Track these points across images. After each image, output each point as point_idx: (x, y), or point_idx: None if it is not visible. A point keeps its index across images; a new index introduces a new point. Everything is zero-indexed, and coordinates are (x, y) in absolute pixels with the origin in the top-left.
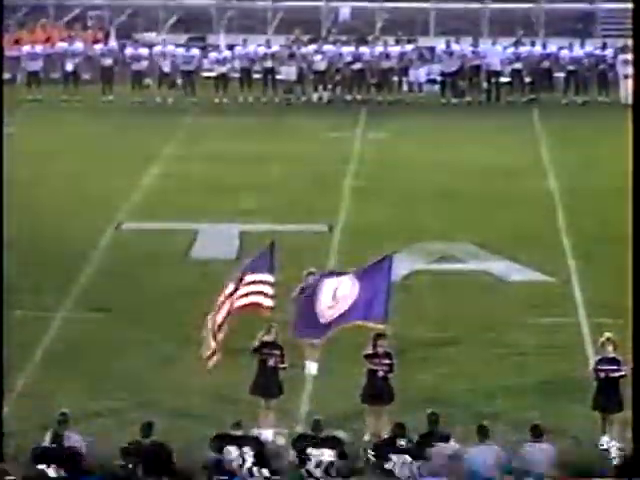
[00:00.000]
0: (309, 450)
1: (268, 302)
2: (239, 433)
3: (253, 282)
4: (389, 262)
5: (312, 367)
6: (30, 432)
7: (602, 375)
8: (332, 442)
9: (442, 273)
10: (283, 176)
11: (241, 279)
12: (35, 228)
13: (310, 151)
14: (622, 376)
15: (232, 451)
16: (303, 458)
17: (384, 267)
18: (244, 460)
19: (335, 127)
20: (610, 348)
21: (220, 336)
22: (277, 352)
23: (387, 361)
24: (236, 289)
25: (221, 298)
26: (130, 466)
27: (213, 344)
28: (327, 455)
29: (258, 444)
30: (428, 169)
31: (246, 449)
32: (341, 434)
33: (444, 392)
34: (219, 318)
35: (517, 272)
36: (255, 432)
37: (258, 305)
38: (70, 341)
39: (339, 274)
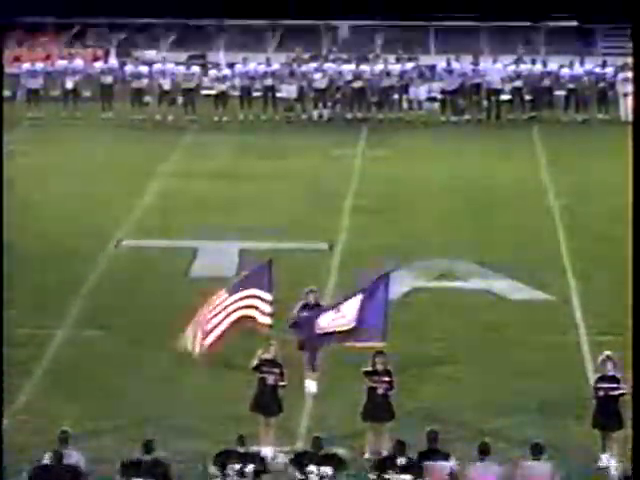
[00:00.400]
0: (309, 467)
1: (265, 319)
2: (242, 450)
3: (248, 297)
4: (386, 280)
5: (312, 386)
6: (30, 449)
7: (601, 393)
8: (332, 459)
9: (443, 291)
10: (283, 194)
11: (236, 292)
12: (35, 245)
13: (310, 169)
14: (621, 394)
15: (235, 468)
16: (304, 475)
17: (381, 286)
18: (243, 476)
19: (336, 145)
20: (610, 366)
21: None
22: (276, 370)
23: (387, 378)
24: (233, 302)
25: (210, 306)
26: None
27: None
28: (327, 472)
29: (260, 462)
30: (429, 187)
31: (248, 466)
32: (341, 451)
33: (444, 410)
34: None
35: (517, 291)
36: (255, 449)
37: (253, 319)
38: (70, 359)
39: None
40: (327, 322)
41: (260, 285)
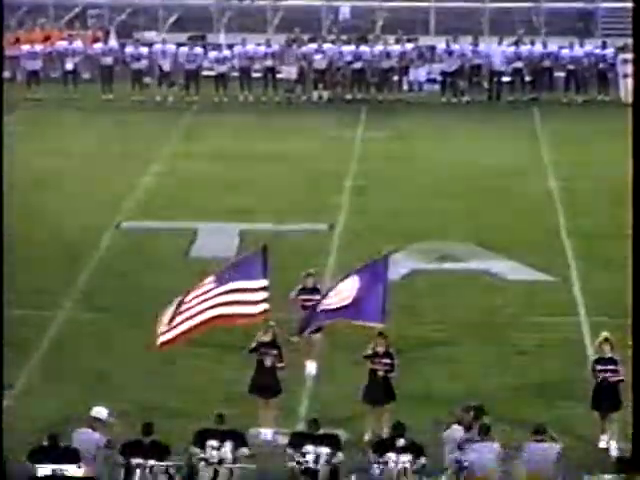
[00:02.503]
0: (306, 447)
1: (259, 309)
2: (223, 428)
3: (242, 290)
4: (385, 262)
5: (312, 368)
6: (29, 432)
7: (600, 376)
8: (329, 439)
9: (442, 273)
10: (284, 175)
11: (227, 282)
12: (34, 227)
13: (310, 150)
14: (620, 380)
15: (213, 445)
16: (301, 455)
17: (380, 267)
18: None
19: (335, 126)
20: (607, 348)
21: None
22: (275, 352)
23: (387, 360)
24: (220, 293)
25: (197, 292)
26: (132, 462)
27: (168, 326)
28: (324, 451)
29: (239, 438)
30: (428, 168)
31: (227, 443)
32: (341, 433)
33: (444, 391)
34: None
35: (517, 271)
36: (255, 431)
37: (245, 317)
38: (69, 341)
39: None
40: (328, 301)
41: (250, 275)
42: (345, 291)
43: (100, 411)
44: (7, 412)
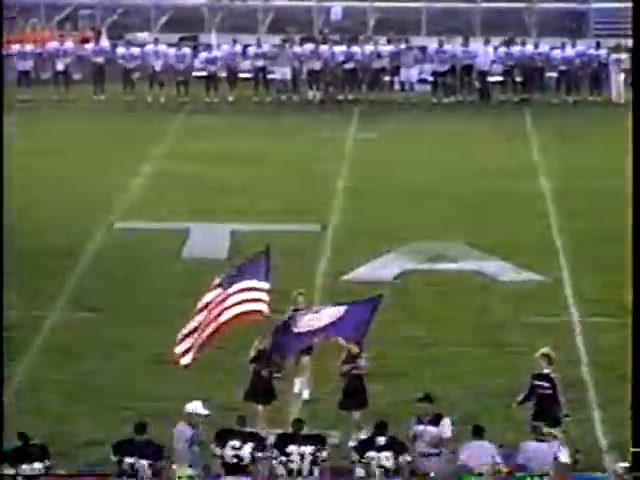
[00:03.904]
0: (290, 447)
1: (263, 308)
2: (245, 429)
3: (246, 289)
4: (375, 303)
5: (304, 393)
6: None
7: (537, 391)
8: (314, 439)
9: (434, 273)
10: (275, 175)
11: (231, 285)
12: (27, 228)
13: (303, 151)
14: (553, 395)
15: (235, 445)
16: (285, 455)
17: (370, 305)
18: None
19: (328, 127)
20: (544, 364)
21: (202, 339)
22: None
23: (356, 364)
24: (227, 296)
25: (207, 299)
26: (125, 461)
27: (189, 342)
28: (308, 450)
29: (260, 440)
30: (420, 169)
31: (248, 444)
32: (333, 434)
33: (437, 391)
34: (206, 323)
35: (509, 272)
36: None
37: (251, 314)
38: (62, 341)
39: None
40: (304, 322)
41: (257, 275)
42: (327, 314)
43: (196, 406)
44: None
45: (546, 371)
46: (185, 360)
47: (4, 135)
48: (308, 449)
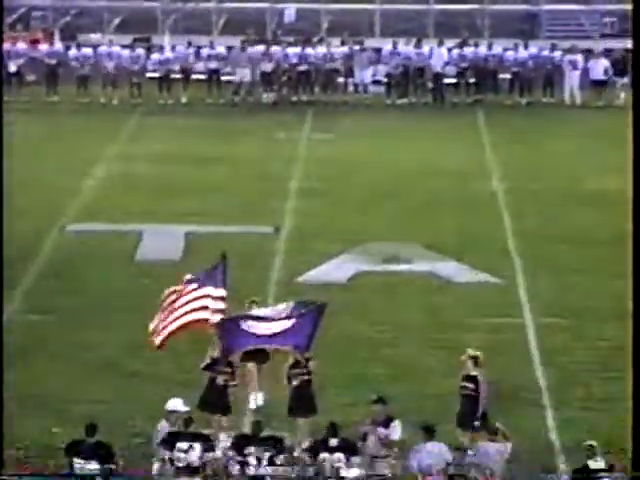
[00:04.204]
0: (248, 449)
1: (216, 318)
2: (192, 431)
3: (202, 297)
4: (321, 310)
5: (258, 397)
6: None
7: (463, 392)
8: (272, 441)
9: (388, 274)
10: (229, 177)
11: (191, 291)
12: None
13: (256, 152)
14: (476, 397)
15: (182, 447)
16: (243, 457)
17: (315, 314)
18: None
19: (281, 128)
20: (470, 365)
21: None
22: (227, 369)
23: (304, 370)
24: (186, 302)
25: (167, 301)
26: (75, 463)
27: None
28: (267, 454)
29: (208, 441)
30: (374, 170)
31: (195, 445)
32: (284, 434)
33: (389, 392)
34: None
35: (463, 273)
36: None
37: (204, 322)
38: (13, 344)
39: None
40: (257, 325)
41: (215, 282)
42: (274, 328)
43: (177, 404)
44: None
45: (473, 373)
46: (157, 340)
47: None
48: (267, 453)
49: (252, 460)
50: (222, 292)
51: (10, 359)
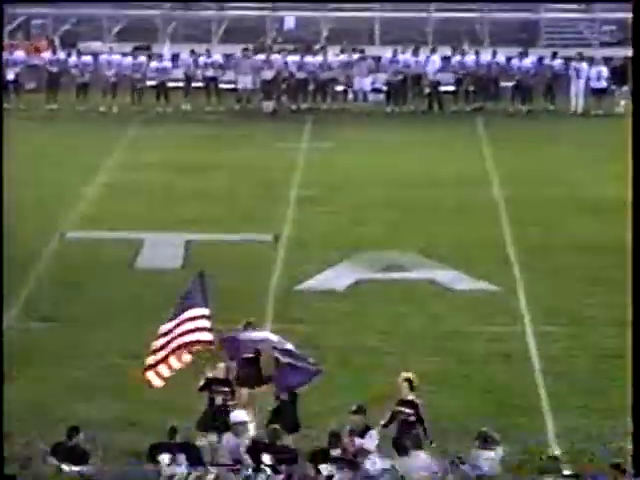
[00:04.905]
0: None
1: (208, 336)
2: (176, 440)
3: (188, 319)
4: (317, 374)
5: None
6: None
7: (398, 417)
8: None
9: (387, 282)
10: (229, 185)
11: (180, 315)
12: None
13: (256, 160)
14: (416, 421)
15: (165, 459)
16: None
17: (312, 374)
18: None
19: (281, 136)
20: (406, 390)
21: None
22: (226, 389)
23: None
24: (177, 325)
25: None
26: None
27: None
28: (180, 460)
29: (192, 451)
30: (374, 178)
31: (179, 456)
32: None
33: (390, 400)
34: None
35: (462, 281)
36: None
37: (200, 342)
38: (14, 351)
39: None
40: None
41: (196, 303)
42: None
43: (241, 415)
44: None
45: (410, 397)
46: (156, 382)
47: None
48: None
49: (266, 468)
50: (205, 311)
51: (10, 366)
